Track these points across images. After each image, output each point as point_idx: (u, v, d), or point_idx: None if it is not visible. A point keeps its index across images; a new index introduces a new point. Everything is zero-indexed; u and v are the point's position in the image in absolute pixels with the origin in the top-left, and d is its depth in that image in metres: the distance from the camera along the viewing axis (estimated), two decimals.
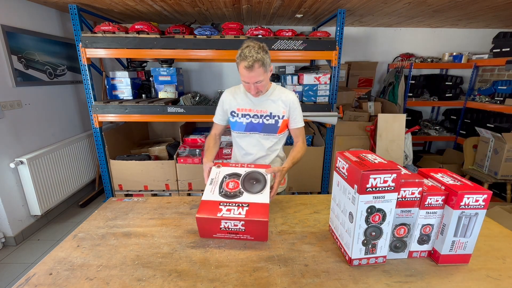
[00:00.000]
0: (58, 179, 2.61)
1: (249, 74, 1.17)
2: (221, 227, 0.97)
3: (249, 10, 2.70)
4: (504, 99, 2.95)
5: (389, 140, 2.74)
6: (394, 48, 3.64)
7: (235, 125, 1.39)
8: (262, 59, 1.15)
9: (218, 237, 1.00)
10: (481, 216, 0.80)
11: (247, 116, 1.36)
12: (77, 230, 1.06)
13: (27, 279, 0.80)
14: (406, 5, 2.44)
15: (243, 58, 1.15)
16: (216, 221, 0.96)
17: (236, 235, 0.98)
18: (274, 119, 1.35)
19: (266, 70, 1.20)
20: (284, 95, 1.35)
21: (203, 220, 0.96)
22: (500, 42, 3.03)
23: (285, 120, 1.36)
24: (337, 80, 2.64)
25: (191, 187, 2.79)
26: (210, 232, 0.99)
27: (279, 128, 1.37)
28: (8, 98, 2.22)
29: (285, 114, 1.35)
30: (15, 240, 2.27)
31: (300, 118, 1.39)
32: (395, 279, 0.79)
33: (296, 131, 1.42)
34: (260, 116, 1.35)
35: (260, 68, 1.16)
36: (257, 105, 1.34)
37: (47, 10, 2.64)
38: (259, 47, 1.17)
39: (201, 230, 1.00)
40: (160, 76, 2.92)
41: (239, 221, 0.95)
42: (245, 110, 1.36)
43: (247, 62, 1.14)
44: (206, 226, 0.98)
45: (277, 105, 1.34)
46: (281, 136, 1.41)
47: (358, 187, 0.76)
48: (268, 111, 1.34)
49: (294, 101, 1.36)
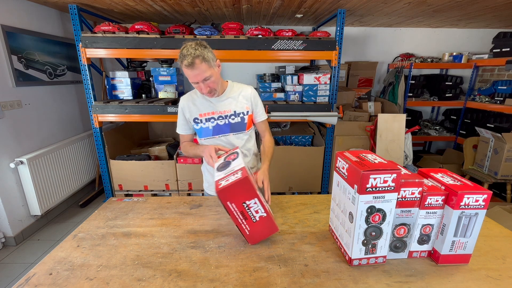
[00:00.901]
0: (58, 179, 2.61)
1: (192, 72, 1.13)
2: (245, 203, 0.90)
3: (249, 10, 2.70)
4: (504, 99, 2.95)
5: (389, 140, 2.74)
6: (394, 48, 3.64)
7: (201, 131, 1.35)
8: (201, 54, 1.11)
9: (230, 209, 0.91)
10: (481, 216, 0.80)
11: (212, 119, 1.32)
12: (77, 230, 1.06)
13: (27, 279, 0.80)
14: (406, 5, 2.44)
15: (182, 58, 1.11)
16: (250, 192, 0.89)
17: (242, 221, 0.92)
18: (240, 117, 1.33)
19: (210, 65, 1.15)
20: (243, 90, 1.34)
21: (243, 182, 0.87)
22: (500, 42, 3.03)
23: (250, 116, 1.35)
24: (337, 80, 2.64)
25: (191, 187, 2.79)
26: (236, 199, 0.90)
27: (246, 124, 1.35)
28: (8, 98, 2.22)
29: (249, 110, 1.34)
30: (15, 240, 2.27)
31: (262, 111, 1.38)
32: (395, 279, 0.79)
33: (261, 124, 1.40)
34: (225, 117, 1.32)
35: (203, 64, 1.12)
36: (219, 106, 1.31)
37: (47, 10, 2.64)
38: (196, 43, 1.14)
39: (229, 193, 0.89)
40: (160, 76, 2.92)
41: (261, 212, 0.92)
42: (208, 114, 1.31)
43: (187, 61, 1.10)
44: (238, 190, 0.89)
45: (239, 102, 1.32)
46: (250, 131, 1.40)
47: (358, 187, 0.76)
48: (231, 110, 1.32)
49: (255, 95, 1.35)
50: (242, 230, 0.94)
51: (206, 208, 1.22)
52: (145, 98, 2.89)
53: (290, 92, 2.78)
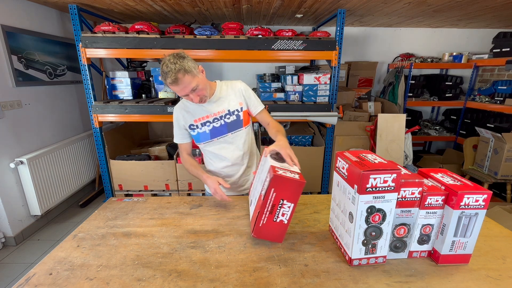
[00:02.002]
0: (58, 179, 2.61)
1: (179, 87, 1.11)
2: (283, 201, 0.90)
3: (249, 10, 2.70)
4: (504, 99, 2.95)
5: (389, 140, 2.74)
6: (394, 48, 3.64)
7: (199, 137, 1.34)
8: (182, 67, 1.08)
9: (268, 196, 0.90)
10: (481, 216, 0.80)
11: (208, 123, 1.31)
12: (77, 230, 1.06)
13: (27, 279, 0.80)
14: (406, 5, 2.44)
15: (165, 75, 1.09)
16: (295, 196, 0.90)
17: (266, 212, 0.92)
18: (235, 114, 1.32)
19: (194, 75, 1.13)
20: (232, 87, 1.33)
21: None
22: (500, 42, 3.03)
23: (245, 111, 1.34)
24: (337, 80, 2.64)
25: (191, 187, 2.79)
26: (281, 193, 0.89)
27: (243, 121, 1.34)
28: (8, 98, 2.22)
29: (242, 105, 1.33)
30: (15, 240, 2.27)
31: (257, 102, 1.36)
32: (395, 279, 0.79)
33: (261, 115, 1.37)
34: (220, 118, 1.30)
35: (186, 76, 1.09)
36: (211, 108, 1.30)
37: (47, 10, 2.64)
38: (174, 57, 1.10)
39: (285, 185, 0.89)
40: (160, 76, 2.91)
41: (285, 218, 0.93)
42: (202, 118, 1.30)
43: (170, 78, 1.08)
44: (290, 187, 0.89)
45: (231, 100, 1.31)
46: (248, 128, 1.38)
47: (358, 187, 0.76)
48: (225, 110, 1.30)
49: (245, 88, 1.34)
50: (258, 219, 0.93)
51: (206, 208, 1.22)
52: (145, 98, 2.89)
53: (290, 92, 2.78)
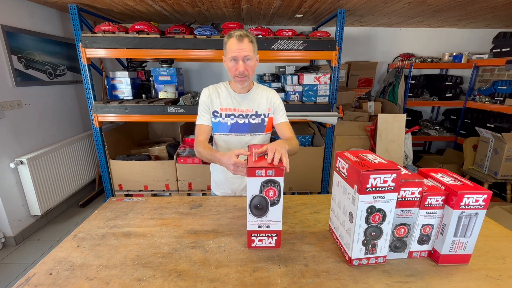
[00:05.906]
0: (58, 179, 2.61)
1: (239, 46, 1.16)
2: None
3: (249, 10, 2.70)
4: (504, 99, 2.95)
5: (389, 140, 2.74)
6: (394, 48, 3.64)
7: (218, 126, 1.31)
8: (252, 37, 1.19)
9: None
10: (481, 216, 0.79)
11: (232, 116, 1.30)
12: (77, 230, 1.06)
13: (27, 279, 0.80)
14: (406, 5, 2.44)
15: (233, 33, 1.17)
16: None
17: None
18: (260, 118, 1.32)
19: (254, 50, 1.21)
20: (267, 93, 1.35)
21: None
22: (500, 42, 3.03)
23: (270, 118, 1.34)
24: (337, 80, 2.64)
25: (191, 187, 2.79)
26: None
27: (266, 126, 1.34)
28: (8, 98, 2.22)
29: (270, 112, 1.34)
30: (15, 240, 2.27)
31: (284, 113, 1.37)
32: (395, 279, 0.79)
33: (284, 126, 1.32)
34: (246, 116, 1.30)
35: (250, 44, 1.17)
36: (241, 104, 1.30)
37: (47, 10, 2.64)
38: (248, 31, 1.22)
39: None
40: (160, 76, 2.92)
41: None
42: (229, 110, 1.30)
43: (239, 33, 1.16)
44: None
45: (261, 103, 1.32)
46: (268, 135, 1.38)
47: (358, 187, 0.76)
48: (253, 110, 1.31)
49: (278, 98, 1.36)
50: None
51: (206, 208, 1.22)
52: (145, 98, 2.89)
53: (290, 92, 2.78)
